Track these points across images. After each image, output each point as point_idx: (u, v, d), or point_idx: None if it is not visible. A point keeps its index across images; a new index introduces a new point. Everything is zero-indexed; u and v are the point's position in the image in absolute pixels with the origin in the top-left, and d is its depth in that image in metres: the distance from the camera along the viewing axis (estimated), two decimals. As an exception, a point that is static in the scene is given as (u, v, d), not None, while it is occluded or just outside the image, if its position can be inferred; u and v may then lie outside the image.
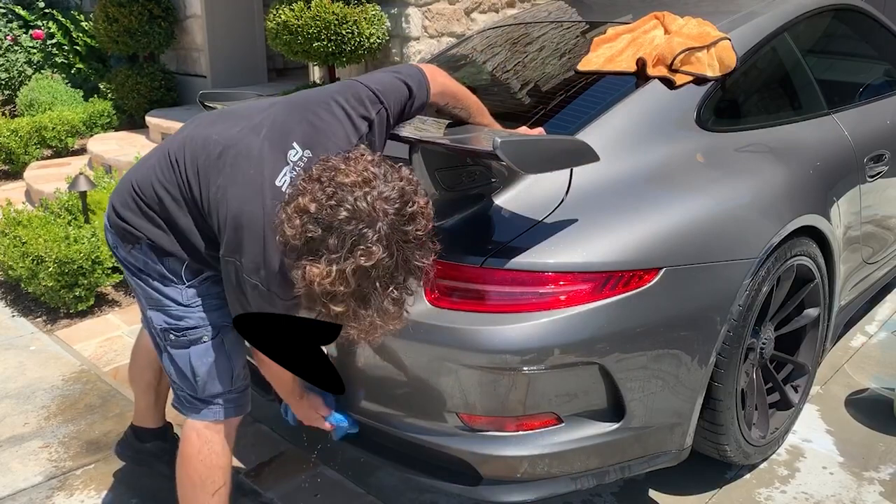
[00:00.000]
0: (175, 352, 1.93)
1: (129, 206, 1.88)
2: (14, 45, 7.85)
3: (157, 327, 1.93)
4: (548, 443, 1.95)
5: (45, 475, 2.51)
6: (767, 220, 2.23)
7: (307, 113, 1.77)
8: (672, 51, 2.38)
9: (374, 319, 1.54)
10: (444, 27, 6.22)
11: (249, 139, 1.76)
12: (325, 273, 1.47)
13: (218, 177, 1.74)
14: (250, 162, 1.72)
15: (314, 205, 1.49)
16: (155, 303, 1.92)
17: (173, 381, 1.99)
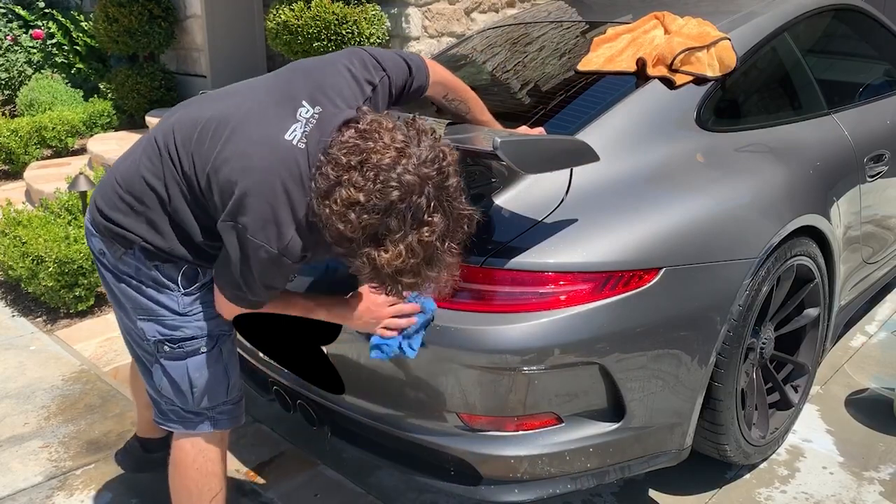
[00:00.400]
0: (170, 363, 1.84)
1: (118, 206, 1.78)
2: (14, 45, 7.85)
3: (151, 338, 1.83)
4: (548, 443, 1.95)
5: (45, 475, 2.51)
6: (767, 220, 2.23)
7: (313, 73, 1.73)
8: (672, 51, 2.38)
9: (439, 276, 1.56)
10: (444, 27, 6.22)
11: (248, 106, 1.69)
12: (396, 255, 1.48)
13: (217, 148, 1.66)
14: (253, 124, 1.65)
15: (362, 194, 1.45)
16: (148, 312, 1.82)
17: (162, 396, 1.88)
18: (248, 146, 1.63)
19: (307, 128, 1.62)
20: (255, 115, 1.67)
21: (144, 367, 1.92)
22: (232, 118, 1.68)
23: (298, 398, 2.27)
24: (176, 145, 1.71)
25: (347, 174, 1.48)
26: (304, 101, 1.66)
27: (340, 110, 1.63)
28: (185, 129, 1.72)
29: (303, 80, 1.72)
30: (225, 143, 1.65)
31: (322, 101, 1.66)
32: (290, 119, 1.64)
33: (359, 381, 2.08)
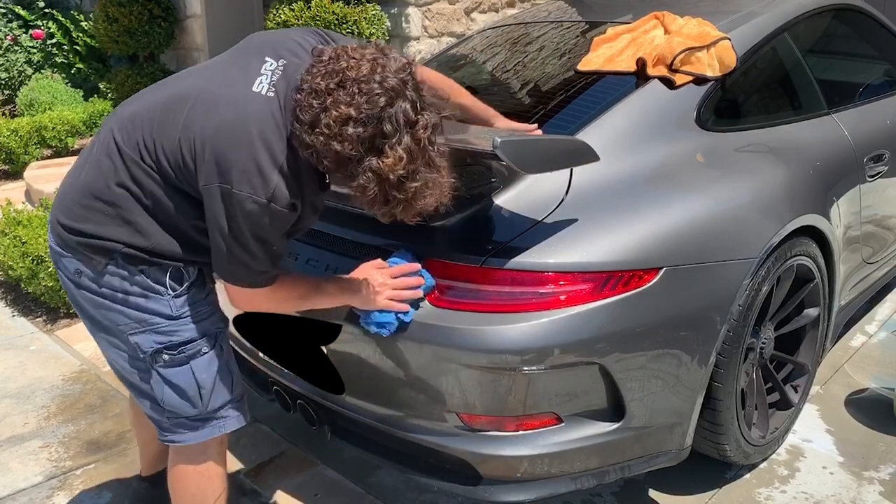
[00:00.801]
0: (172, 371, 1.78)
1: (89, 217, 1.70)
2: (14, 45, 7.85)
3: (148, 350, 1.76)
4: (548, 443, 1.95)
5: (45, 475, 2.51)
6: (767, 219, 2.23)
7: (270, 38, 1.74)
8: (672, 51, 2.38)
9: (439, 179, 1.59)
10: (444, 27, 6.22)
11: (208, 75, 1.69)
12: (398, 158, 1.50)
13: (181, 121, 1.62)
14: (216, 86, 1.65)
15: (352, 109, 1.48)
16: (140, 323, 1.75)
17: (166, 410, 1.82)
18: (215, 107, 1.62)
19: (274, 78, 1.63)
20: (217, 80, 1.67)
21: (140, 390, 1.84)
22: (192, 90, 1.67)
23: (298, 398, 2.27)
24: (142, 132, 1.67)
25: (331, 97, 1.49)
26: (267, 58, 1.67)
27: (304, 61, 1.64)
28: (145, 118, 1.68)
29: (262, 43, 1.73)
30: (189, 112, 1.63)
31: (285, 55, 1.67)
32: (255, 74, 1.64)
33: (359, 381, 2.08)
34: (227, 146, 1.58)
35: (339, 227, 2.17)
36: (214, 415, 1.85)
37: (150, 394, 1.82)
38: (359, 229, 2.13)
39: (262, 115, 1.59)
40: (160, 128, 1.65)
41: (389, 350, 1.96)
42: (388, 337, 1.92)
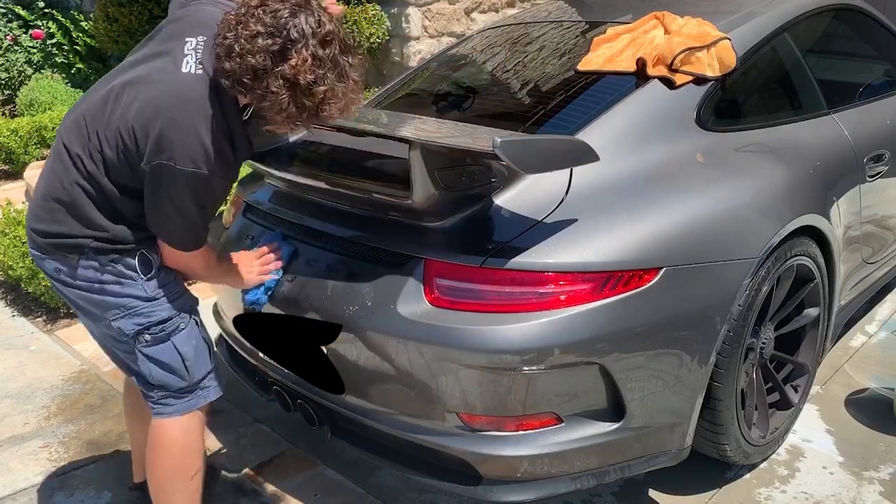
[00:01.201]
0: (155, 349, 1.91)
1: (55, 217, 1.82)
2: (14, 45, 7.85)
3: (130, 333, 1.89)
4: (548, 443, 1.95)
5: (45, 475, 2.51)
6: (767, 219, 2.23)
7: (185, 18, 1.84)
8: (672, 51, 2.38)
9: (347, 89, 1.72)
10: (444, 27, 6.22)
11: (137, 68, 1.79)
12: (303, 59, 1.63)
13: (118, 110, 1.74)
14: (149, 75, 1.75)
15: (259, 25, 1.62)
16: (119, 308, 1.87)
17: (154, 386, 1.94)
18: (148, 93, 1.72)
19: (197, 55, 1.74)
20: (145, 69, 1.77)
21: (132, 370, 1.98)
22: (124, 82, 1.78)
23: (298, 398, 2.27)
24: (87, 133, 1.78)
25: (241, 24, 1.63)
26: (187, 38, 1.77)
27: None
28: (88, 116, 1.80)
29: (179, 25, 1.82)
30: (125, 102, 1.74)
31: (205, 31, 1.76)
32: (180, 55, 1.75)
33: (359, 381, 2.08)
34: (165, 127, 1.69)
35: (339, 228, 2.17)
36: (199, 385, 1.99)
37: (140, 372, 1.95)
38: (359, 229, 2.13)
39: (195, 93, 1.71)
40: (100, 122, 1.77)
41: (389, 350, 1.96)
42: (387, 337, 1.93)
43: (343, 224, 2.17)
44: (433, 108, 2.79)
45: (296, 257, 2.21)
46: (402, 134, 1.91)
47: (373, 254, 2.08)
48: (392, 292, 1.97)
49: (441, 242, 1.98)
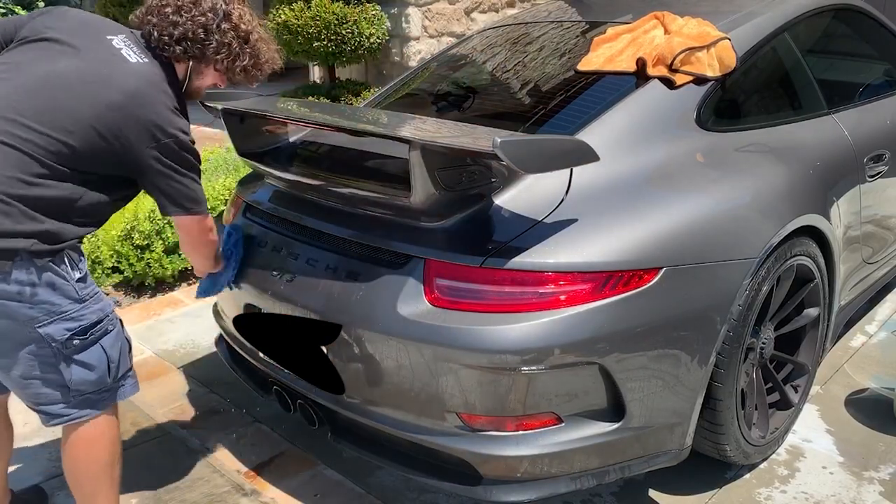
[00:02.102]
0: (84, 355, 1.88)
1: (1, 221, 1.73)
2: (14, 45, 7.83)
3: (60, 339, 1.83)
4: (548, 443, 1.95)
5: (45, 475, 2.51)
6: (767, 219, 2.23)
7: (89, 25, 1.99)
8: (672, 51, 2.38)
9: (269, 43, 2.13)
10: (444, 27, 6.23)
11: (77, 64, 1.87)
12: (240, 13, 2.03)
13: (73, 101, 1.81)
14: (99, 69, 1.87)
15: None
16: (48, 315, 1.81)
17: (71, 390, 1.90)
18: (113, 85, 1.84)
19: (133, 49, 1.95)
20: (72, 64, 1.86)
21: (37, 391, 1.90)
22: (48, 72, 1.84)
23: (298, 398, 2.27)
24: (28, 124, 1.77)
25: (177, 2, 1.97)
26: (107, 36, 1.95)
27: (130, 30, 2.01)
28: (24, 107, 1.79)
29: (88, 29, 1.96)
30: (81, 93, 1.82)
31: (117, 31, 1.99)
32: (118, 50, 1.92)
33: (359, 382, 2.08)
34: (151, 112, 1.86)
35: (338, 228, 2.17)
36: (117, 384, 2.00)
37: (56, 382, 1.89)
38: (359, 229, 2.13)
39: (157, 76, 1.92)
40: (46, 114, 1.79)
41: (389, 350, 1.96)
42: (387, 337, 1.93)
43: (343, 224, 2.17)
44: (433, 108, 2.79)
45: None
46: (402, 134, 1.91)
47: (373, 254, 2.08)
48: (392, 292, 1.97)
49: (441, 242, 1.98)
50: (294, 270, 2.19)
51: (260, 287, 2.27)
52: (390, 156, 2.21)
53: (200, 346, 3.35)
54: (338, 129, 2.17)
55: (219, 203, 4.06)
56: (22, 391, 1.93)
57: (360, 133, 2.08)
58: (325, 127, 2.14)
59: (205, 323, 3.53)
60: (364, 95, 5.90)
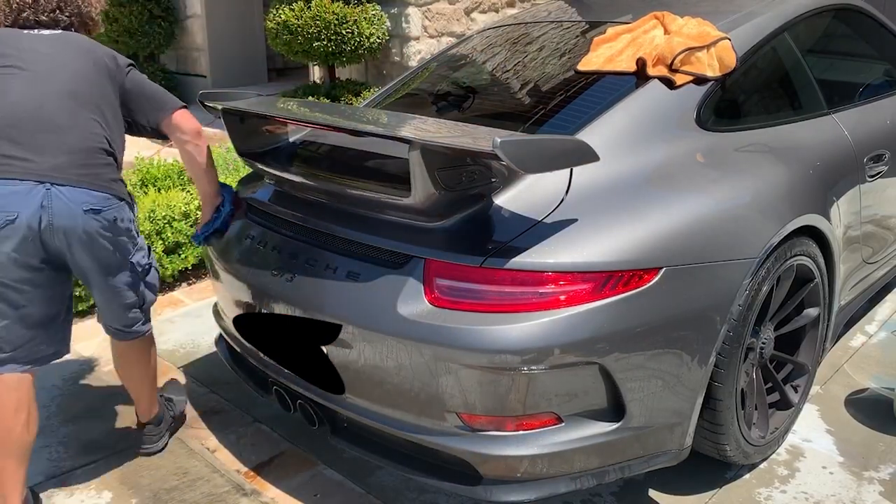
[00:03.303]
0: (150, 276, 2.39)
1: (105, 168, 2.18)
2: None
3: (143, 264, 2.33)
4: (548, 442, 1.95)
5: (45, 475, 2.51)
6: (767, 219, 2.23)
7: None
8: (672, 51, 2.38)
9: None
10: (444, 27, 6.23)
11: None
12: None
13: (66, 74, 2.21)
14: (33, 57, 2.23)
15: None
16: (134, 245, 2.30)
17: (143, 308, 2.39)
18: (73, 45, 2.29)
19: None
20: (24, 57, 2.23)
21: (131, 307, 2.35)
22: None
23: (298, 398, 2.27)
24: (81, 101, 2.22)
25: None
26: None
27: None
28: (70, 91, 2.23)
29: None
30: (63, 63, 2.25)
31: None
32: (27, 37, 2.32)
33: (359, 381, 2.08)
34: (105, 49, 2.34)
35: (338, 228, 2.17)
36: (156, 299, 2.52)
37: (136, 303, 2.36)
38: (359, 229, 2.13)
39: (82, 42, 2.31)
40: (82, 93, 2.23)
41: (389, 350, 1.96)
42: (387, 337, 1.93)
43: (343, 224, 2.17)
44: (433, 108, 2.79)
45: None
46: (402, 134, 1.91)
47: (373, 254, 2.08)
48: (392, 292, 1.97)
49: (441, 242, 1.98)
50: (294, 270, 2.19)
51: (260, 287, 2.27)
52: (390, 156, 2.21)
53: (200, 346, 3.35)
54: (338, 129, 2.17)
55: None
56: (114, 313, 2.35)
57: (360, 133, 2.08)
58: (325, 127, 2.14)
59: (205, 323, 3.52)
60: (364, 95, 5.90)
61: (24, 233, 2.05)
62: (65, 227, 2.09)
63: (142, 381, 2.53)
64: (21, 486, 2.18)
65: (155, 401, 2.59)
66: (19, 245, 2.06)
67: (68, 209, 2.08)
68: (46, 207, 2.06)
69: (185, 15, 7.44)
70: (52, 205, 2.06)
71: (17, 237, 2.05)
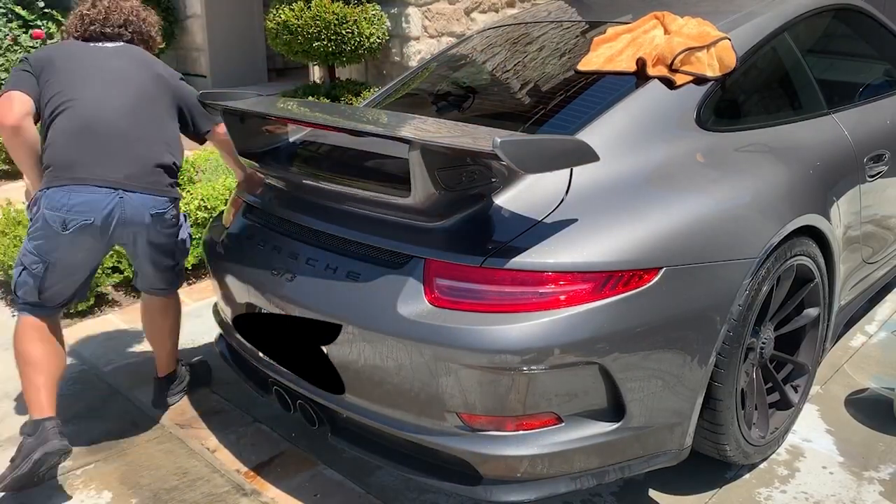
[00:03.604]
0: (187, 243, 2.74)
1: (163, 171, 2.53)
2: (14, 45, 7.84)
3: (184, 238, 2.71)
4: (548, 442, 1.95)
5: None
6: (767, 219, 2.23)
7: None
8: (672, 51, 2.38)
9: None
10: (444, 27, 6.23)
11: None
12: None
13: (133, 88, 2.58)
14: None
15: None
16: (181, 228, 2.67)
17: (176, 270, 2.74)
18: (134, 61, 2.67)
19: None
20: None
21: (175, 273, 2.76)
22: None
23: (298, 398, 2.27)
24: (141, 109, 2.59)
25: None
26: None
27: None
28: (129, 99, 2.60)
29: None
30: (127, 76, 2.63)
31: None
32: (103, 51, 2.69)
33: (359, 381, 2.08)
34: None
35: (338, 227, 2.17)
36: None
37: (176, 266, 2.74)
38: (358, 229, 2.13)
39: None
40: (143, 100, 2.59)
41: (389, 350, 1.96)
42: (387, 337, 1.93)
43: (343, 224, 2.17)
44: (433, 108, 2.79)
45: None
46: (402, 134, 1.91)
47: (373, 254, 2.08)
48: (392, 292, 1.97)
49: (441, 242, 1.98)
50: (294, 270, 2.19)
51: (260, 287, 2.27)
52: (390, 156, 2.21)
53: (200, 346, 3.35)
54: (338, 129, 2.17)
55: (219, 203, 4.06)
56: (160, 276, 2.70)
57: (360, 133, 2.08)
58: (325, 127, 2.14)
59: (205, 323, 3.52)
60: (364, 95, 5.90)
61: (98, 232, 2.42)
62: (134, 227, 2.47)
63: (169, 334, 2.84)
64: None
65: (175, 358, 2.90)
66: (91, 241, 2.45)
67: (138, 213, 2.45)
68: (118, 210, 2.41)
69: (184, 15, 7.44)
70: (124, 208, 2.42)
71: (91, 235, 2.43)
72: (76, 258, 2.49)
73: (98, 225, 2.40)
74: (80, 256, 2.49)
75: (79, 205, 2.37)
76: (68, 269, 2.50)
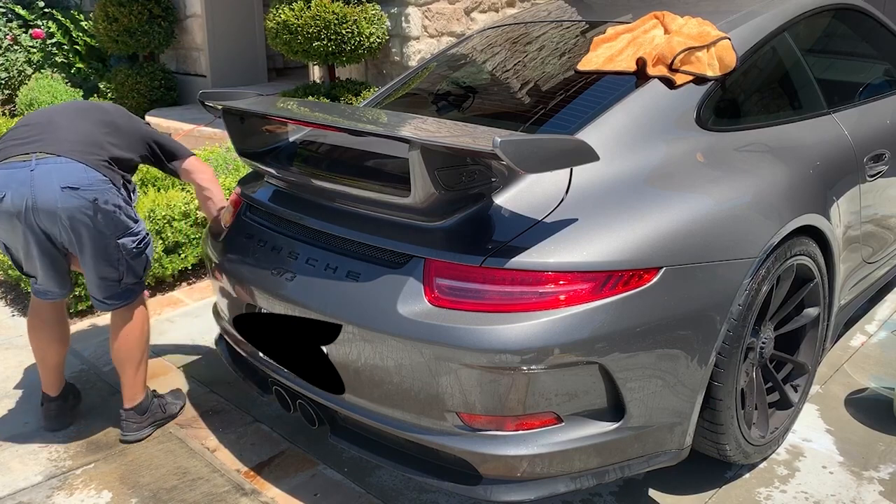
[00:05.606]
0: (137, 259, 2.56)
1: (105, 150, 2.47)
2: (14, 45, 7.85)
3: (130, 248, 2.51)
4: (548, 442, 1.95)
5: (45, 475, 2.52)
6: (767, 219, 2.23)
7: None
8: (672, 50, 2.38)
9: None
10: (444, 27, 6.22)
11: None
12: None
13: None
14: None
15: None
16: (124, 229, 2.47)
17: (122, 285, 2.54)
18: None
19: None
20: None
21: (110, 284, 2.53)
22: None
23: (298, 398, 2.27)
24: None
25: None
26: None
27: None
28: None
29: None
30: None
31: None
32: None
33: (359, 381, 2.08)
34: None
35: (338, 227, 2.17)
36: (142, 281, 2.66)
37: (117, 279, 2.53)
38: (359, 229, 2.13)
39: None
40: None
41: (389, 349, 1.96)
42: (387, 336, 1.93)
43: (343, 224, 2.17)
44: (433, 108, 2.79)
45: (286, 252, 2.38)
46: (402, 134, 1.91)
47: (373, 253, 2.08)
48: (392, 292, 1.97)
49: (441, 242, 1.98)
50: (294, 270, 2.19)
51: (260, 286, 2.27)
52: (390, 155, 2.21)
53: (200, 345, 3.35)
54: (338, 129, 2.17)
55: (219, 203, 4.07)
56: (91, 284, 2.53)
57: (360, 133, 2.08)
58: (325, 127, 2.14)
59: (205, 323, 3.53)
60: (364, 95, 5.90)
61: (13, 209, 2.37)
62: (48, 205, 2.36)
63: (123, 361, 2.63)
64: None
65: (139, 389, 2.67)
66: (9, 221, 2.39)
67: (46, 183, 2.34)
68: (27, 184, 2.34)
69: (184, 14, 7.44)
70: (34, 180, 2.34)
71: (7, 213, 2.38)
72: (10, 239, 2.47)
73: (10, 202, 2.34)
74: (11, 238, 2.46)
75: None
76: (14, 250, 2.52)
